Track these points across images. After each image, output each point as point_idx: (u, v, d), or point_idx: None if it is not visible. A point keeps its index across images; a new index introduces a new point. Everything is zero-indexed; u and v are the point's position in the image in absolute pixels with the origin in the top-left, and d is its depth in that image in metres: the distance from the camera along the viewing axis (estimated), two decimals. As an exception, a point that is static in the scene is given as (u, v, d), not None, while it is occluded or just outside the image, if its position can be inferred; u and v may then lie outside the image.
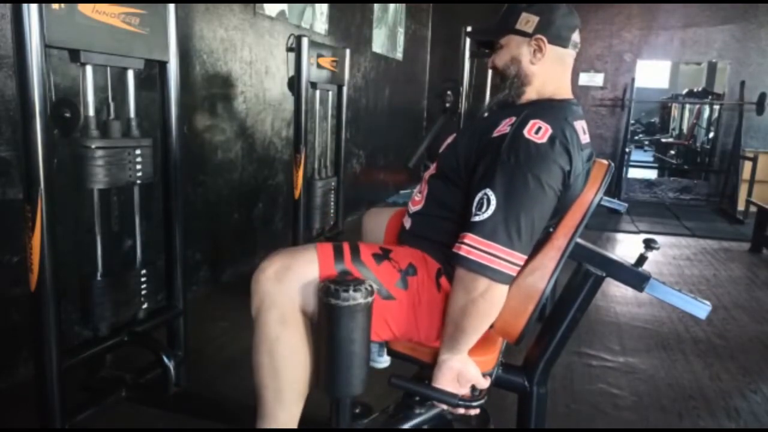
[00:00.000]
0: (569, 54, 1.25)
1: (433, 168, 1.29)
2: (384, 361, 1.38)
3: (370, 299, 1.07)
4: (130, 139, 1.49)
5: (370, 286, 1.08)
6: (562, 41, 1.23)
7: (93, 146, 1.38)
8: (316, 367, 1.18)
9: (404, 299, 1.18)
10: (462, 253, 1.06)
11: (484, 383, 1.18)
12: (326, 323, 1.07)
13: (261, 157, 3.28)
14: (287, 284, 1.14)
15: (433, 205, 1.26)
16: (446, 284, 1.19)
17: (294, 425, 1.20)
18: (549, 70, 1.24)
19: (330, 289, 1.04)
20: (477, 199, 1.08)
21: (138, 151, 1.49)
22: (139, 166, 1.50)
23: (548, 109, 1.18)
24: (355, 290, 1.04)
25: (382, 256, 1.20)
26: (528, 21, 1.21)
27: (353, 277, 1.10)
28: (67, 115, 1.29)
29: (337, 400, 1.17)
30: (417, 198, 1.30)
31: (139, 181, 1.52)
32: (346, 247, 1.19)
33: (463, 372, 1.14)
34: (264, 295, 1.15)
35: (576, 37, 1.25)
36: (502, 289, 1.07)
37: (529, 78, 1.24)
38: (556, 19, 1.21)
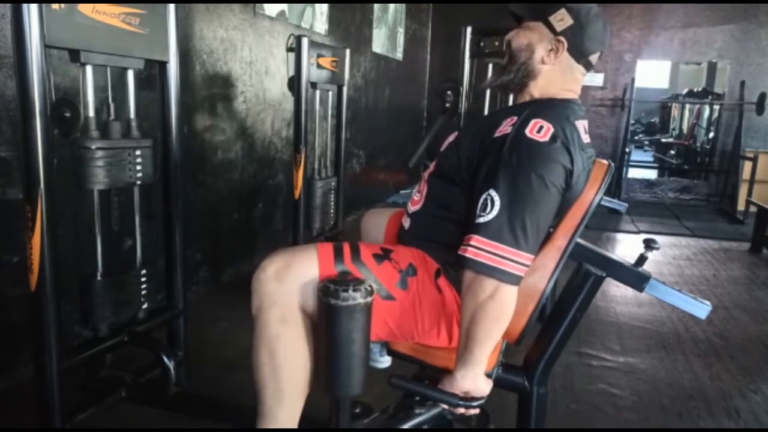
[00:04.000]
0: (580, 70, 1.21)
1: (432, 167, 1.28)
2: (385, 361, 1.38)
3: (369, 299, 1.06)
4: (130, 140, 1.49)
5: (370, 286, 1.07)
6: (580, 54, 1.19)
7: (93, 147, 1.38)
8: (317, 366, 1.18)
9: (404, 300, 1.17)
10: (468, 255, 1.04)
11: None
12: (326, 323, 1.07)
13: (261, 157, 3.28)
14: (287, 283, 1.13)
15: (433, 204, 1.24)
16: (445, 285, 1.18)
17: (294, 425, 1.19)
18: (557, 74, 1.21)
19: (329, 289, 1.04)
20: (481, 200, 1.07)
21: (138, 152, 1.49)
22: (139, 167, 1.50)
23: (550, 108, 1.16)
24: (354, 290, 1.03)
25: (383, 256, 1.19)
26: (562, 19, 1.16)
27: (353, 277, 1.09)
28: (67, 114, 1.30)
29: (336, 400, 1.17)
30: (416, 198, 1.29)
31: (139, 182, 1.52)
32: (346, 247, 1.19)
33: (472, 392, 1.12)
34: (264, 294, 1.14)
35: (594, 59, 1.21)
36: (511, 290, 1.04)
37: (534, 73, 1.21)
38: (587, 29, 1.16)
